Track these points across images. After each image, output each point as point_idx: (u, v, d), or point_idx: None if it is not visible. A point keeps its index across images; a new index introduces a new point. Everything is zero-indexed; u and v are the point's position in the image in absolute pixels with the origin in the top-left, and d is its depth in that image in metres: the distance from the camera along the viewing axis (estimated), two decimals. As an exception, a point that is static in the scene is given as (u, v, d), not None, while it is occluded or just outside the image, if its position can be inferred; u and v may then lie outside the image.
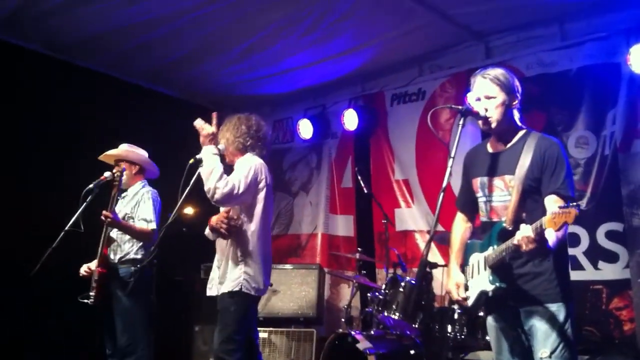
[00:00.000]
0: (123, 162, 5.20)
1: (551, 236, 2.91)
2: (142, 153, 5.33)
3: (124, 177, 5.13)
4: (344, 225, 7.59)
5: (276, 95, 7.78)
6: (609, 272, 5.38)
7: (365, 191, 6.26)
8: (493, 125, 3.31)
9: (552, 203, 3.06)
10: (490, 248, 3.24)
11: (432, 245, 6.49)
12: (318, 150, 7.88)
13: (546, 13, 5.80)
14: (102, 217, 4.81)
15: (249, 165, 4.18)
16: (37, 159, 6.23)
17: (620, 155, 5.39)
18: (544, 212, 2.92)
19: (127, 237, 5.02)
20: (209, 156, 4.07)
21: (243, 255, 4.11)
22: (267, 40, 6.33)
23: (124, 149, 5.28)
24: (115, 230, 4.99)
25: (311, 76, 7.26)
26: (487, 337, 3.67)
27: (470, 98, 3.37)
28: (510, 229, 3.16)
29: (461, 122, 3.29)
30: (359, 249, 6.15)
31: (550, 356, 3.06)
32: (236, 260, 4.10)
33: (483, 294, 3.22)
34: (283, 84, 7.47)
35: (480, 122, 3.34)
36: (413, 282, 5.22)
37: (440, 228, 6.58)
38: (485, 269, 3.24)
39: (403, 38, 6.33)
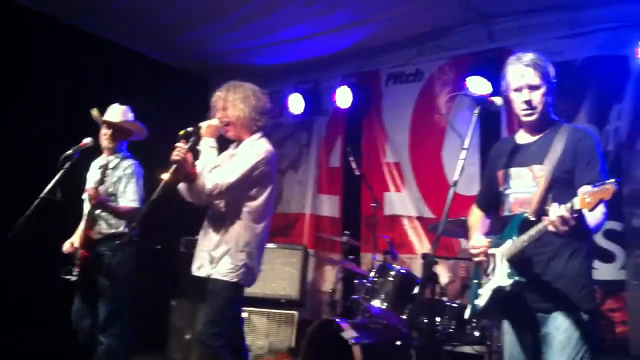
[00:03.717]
0: (112, 127, 4.91)
1: (589, 217, 2.66)
2: (131, 116, 5.05)
3: (106, 143, 4.87)
4: (329, 206, 7.41)
5: (268, 66, 7.50)
6: (604, 271, 5.24)
7: (357, 173, 6.06)
8: (535, 117, 3.08)
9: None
10: (509, 240, 2.96)
11: (424, 236, 6.51)
12: (308, 127, 7.65)
13: (555, 0, 5.60)
14: (88, 197, 4.56)
15: (257, 157, 3.87)
16: (13, 118, 5.93)
17: (624, 152, 5.26)
18: None
19: None
20: (206, 149, 3.84)
21: (246, 244, 3.85)
22: (266, 9, 6.08)
23: (120, 117, 4.95)
24: None
25: (306, 49, 7.00)
26: (497, 343, 3.48)
27: (506, 87, 3.12)
28: (533, 219, 2.88)
29: (476, 111, 3.08)
30: (346, 232, 5.96)
31: None
32: (238, 248, 3.83)
33: (499, 291, 2.93)
34: (276, 55, 7.20)
35: (522, 113, 3.09)
36: (403, 271, 5.05)
37: (431, 215, 6.50)
38: (502, 262, 2.96)
39: (405, 16, 6.11)
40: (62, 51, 6.24)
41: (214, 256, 3.85)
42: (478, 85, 5.87)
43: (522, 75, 3.04)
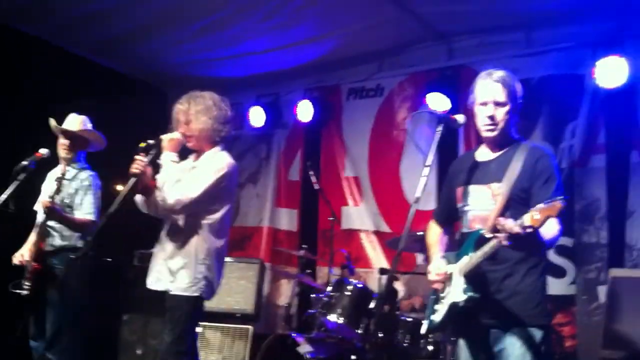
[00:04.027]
0: (70, 136, 4.80)
1: (545, 232, 2.71)
2: (90, 126, 4.94)
3: (64, 154, 4.76)
4: (287, 220, 7.36)
5: (227, 78, 7.43)
6: (555, 287, 5.26)
7: (317, 187, 6.04)
8: (496, 133, 3.10)
9: None
10: (466, 256, 2.98)
11: (380, 250, 6.51)
12: (268, 140, 7.59)
13: (513, 19, 5.67)
14: (42, 207, 4.45)
15: (219, 172, 3.80)
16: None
17: (577, 169, 5.34)
18: None
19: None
20: (167, 163, 3.75)
21: (206, 257, 3.76)
22: (225, 21, 6.02)
23: (78, 126, 4.84)
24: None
25: (267, 62, 6.96)
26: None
27: (473, 101, 3.14)
28: (489, 236, 2.89)
29: (439, 129, 3.10)
30: (304, 245, 5.93)
31: None
32: (197, 261, 3.73)
33: (454, 307, 2.94)
34: (236, 68, 7.15)
35: (483, 128, 3.11)
36: (360, 285, 5.03)
37: (388, 229, 6.51)
38: (458, 277, 2.97)
39: (366, 31, 6.13)
40: (12, 58, 6.09)
41: (172, 269, 3.75)
42: (437, 102, 5.91)
43: (490, 91, 3.06)
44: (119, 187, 6.80)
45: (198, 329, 5.55)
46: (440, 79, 6.12)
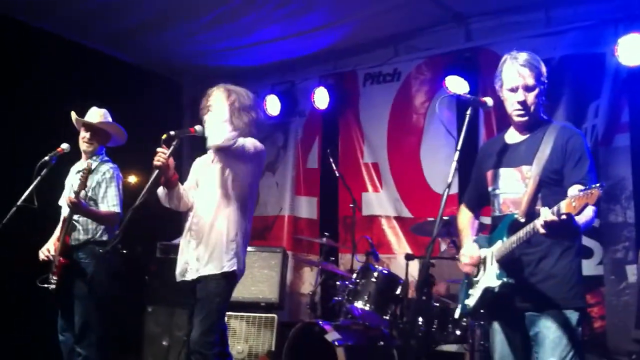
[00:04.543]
0: (91, 129, 4.79)
1: (581, 216, 2.64)
2: (110, 119, 4.94)
3: (86, 147, 4.77)
4: (307, 207, 7.34)
5: (242, 68, 7.40)
6: (583, 267, 5.22)
7: (337, 174, 6.01)
8: (527, 118, 3.07)
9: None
10: (499, 241, 2.96)
11: (402, 236, 6.48)
12: (285, 128, 7.56)
13: (532, -2, 5.62)
14: (68, 203, 4.44)
15: (255, 143, 3.95)
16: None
17: (601, 149, 5.27)
18: None
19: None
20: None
21: (237, 233, 3.85)
22: (239, 10, 5.98)
23: (99, 119, 4.83)
24: None
25: (281, 50, 6.93)
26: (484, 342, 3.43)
27: (500, 86, 3.11)
28: (522, 220, 2.89)
29: (469, 112, 3.06)
30: (326, 233, 5.91)
31: None
32: (229, 239, 3.81)
33: (488, 292, 2.94)
34: (251, 57, 7.12)
35: (514, 114, 3.08)
36: (385, 271, 5.03)
37: (409, 215, 6.48)
38: (492, 263, 2.96)
39: (381, 16, 6.07)
40: (23, 52, 6.08)
41: (206, 254, 3.80)
42: (456, 85, 5.85)
43: (519, 76, 3.01)
44: (131, 179, 6.87)
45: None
46: (458, 62, 6.07)
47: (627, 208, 5.17)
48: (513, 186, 3.06)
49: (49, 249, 4.68)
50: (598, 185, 2.50)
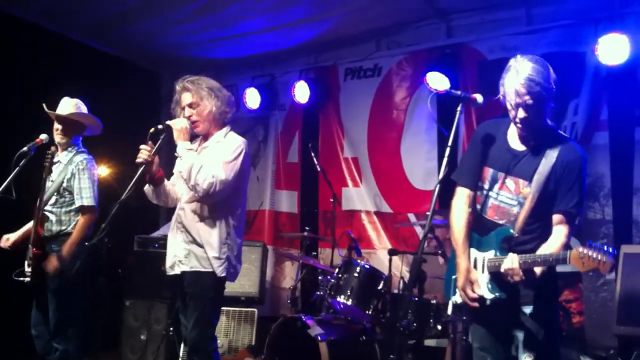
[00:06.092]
0: (63, 121, 4.71)
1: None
2: (84, 109, 4.85)
3: (59, 139, 4.69)
4: (288, 202, 7.33)
5: (222, 60, 7.37)
6: (561, 264, 5.34)
7: (319, 168, 6.01)
8: (528, 132, 3.06)
9: (561, 227, 2.99)
10: (492, 251, 3.06)
11: (382, 231, 6.50)
12: (265, 122, 7.53)
13: (514, -5, 5.66)
14: (49, 269, 4.39)
15: (238, 148, 3.78)
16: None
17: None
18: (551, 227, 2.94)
19: (65, 209, 4.60)
20: (184, 152, 3.65)
21: (228, 235, 3.74)
22: (220, 2, 5.94)
23: (71, 110, 4.74)
24: (50, 203, 4.58)
25: (262, 43, 6.89)
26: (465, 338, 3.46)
27: (503, 94, 3.05)
28: (516, 236, 3.02)
29: (459, 109, 3.09)
30: (307, 227, 5.91)
31: None
32: (221, 240, 3.70)
33: (480, 299, 3.03)
34: (231, 49, 7.07)
35: (517, 126, 3.05)
36: (367, 266, 5.04)
37: (389, 210, 6.51)
38: (483, 271, 3.06)
39: (363, 10, 6.07)
40: (3, 43, 5.95)
41: (195, 251, 3.72)
42: (437, 81, 5.87)
43: (519, 94, 2.93)
44: (107, 170, 6.77)
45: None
46: (439, 58, 6.09)
47: (605, 205, 5.25)
48: (506, 196, 3.12)
49: (8, 237, 4.65)
50: (612, 253, 2.68)
